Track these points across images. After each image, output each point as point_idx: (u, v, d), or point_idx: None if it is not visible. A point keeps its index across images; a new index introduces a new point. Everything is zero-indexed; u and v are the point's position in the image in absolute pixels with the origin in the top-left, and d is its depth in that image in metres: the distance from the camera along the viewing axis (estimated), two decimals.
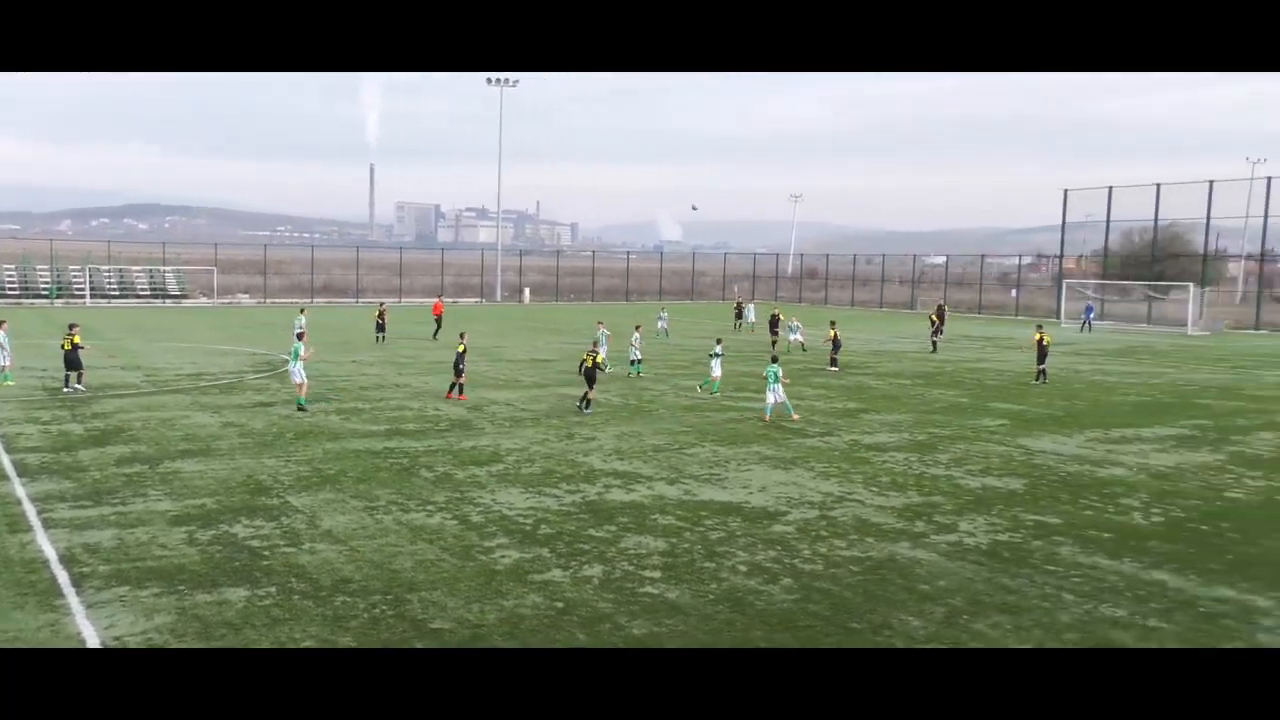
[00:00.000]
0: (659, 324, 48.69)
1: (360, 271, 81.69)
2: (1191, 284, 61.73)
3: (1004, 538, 14.34)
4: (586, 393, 24.61)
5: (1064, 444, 21.73)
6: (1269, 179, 61.98)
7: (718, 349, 28.85)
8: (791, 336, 41.68)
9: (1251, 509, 16.22)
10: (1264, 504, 16.56)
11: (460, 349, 26.65)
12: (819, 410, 25.94)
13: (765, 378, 24.64)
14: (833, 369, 35.11)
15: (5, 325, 28.39)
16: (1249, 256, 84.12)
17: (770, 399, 24.02)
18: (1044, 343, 32.34)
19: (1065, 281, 69.67)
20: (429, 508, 15.45)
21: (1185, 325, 59.16)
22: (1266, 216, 61.67)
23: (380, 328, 41.76)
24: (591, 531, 14.29)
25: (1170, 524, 15.23)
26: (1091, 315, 60.09)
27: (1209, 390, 31.19)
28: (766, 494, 16.70)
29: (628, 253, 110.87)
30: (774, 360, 24.94)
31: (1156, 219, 67.45)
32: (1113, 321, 66.77)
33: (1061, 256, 76.18)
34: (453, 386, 26.54)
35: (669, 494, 16.58)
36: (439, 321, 45.99)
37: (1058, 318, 67.78)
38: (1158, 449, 21.32)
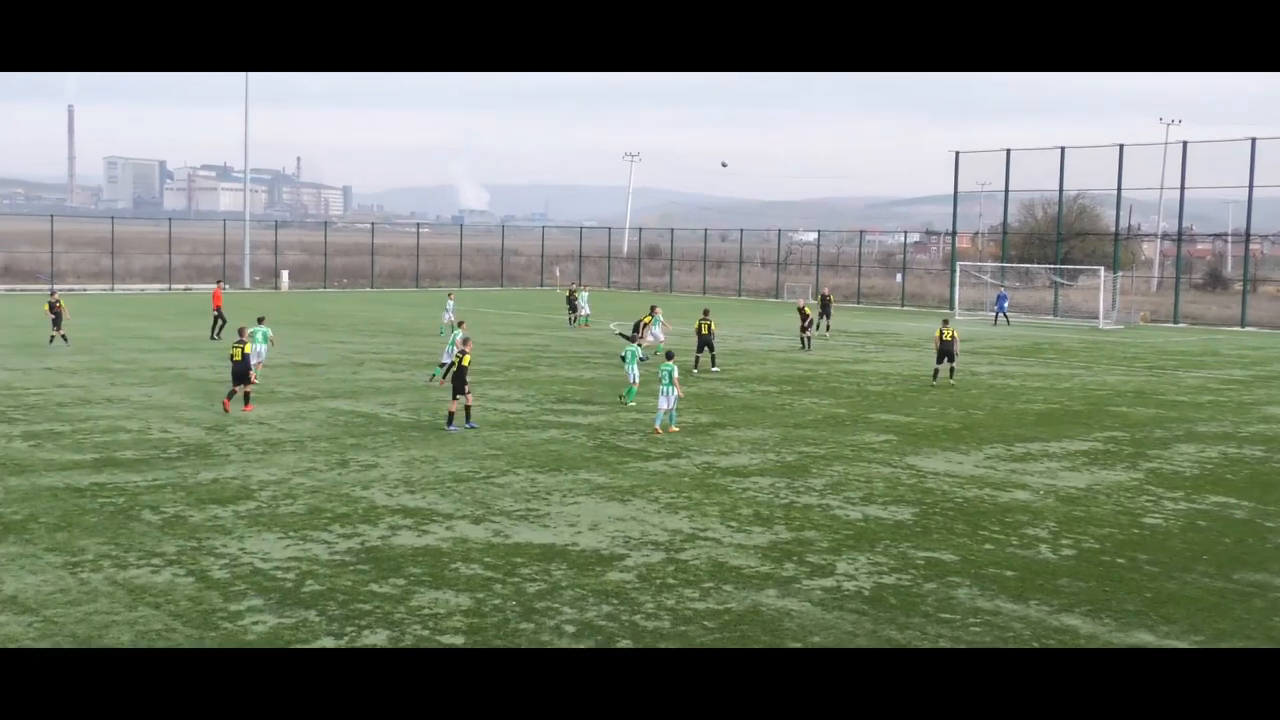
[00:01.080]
0: (445, 316, 47.66)
1: (57, 249, 77.79)
2: (1102, 268, 65.44)
3: (890, 580, 14.81)
4: (452, 405, 24.68)
5: (960, 463, 22.64)
6: (1184, 143, 66.40)
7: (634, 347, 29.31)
8: (654, 332, 41.65)
9: (1170, 537, 17.28)
10: (1184, 530, 17.68)
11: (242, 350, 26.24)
12: (662, 426, 26.22)
13: (660, 378, 25.26)
14: (714, 369, 36.28)
15: None
16: (1165, 236, 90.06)
17: (664, 404, 24.77)
18: (945, 338, 34.34)
19: (959, 264, 72.69)
20: (154, 561, 14.83)
21: (1096, 318, 62.69)
22: (1183, 188, 66.06)
23: (55, 324, 39.82)
24: (374, 587, 14.02)
25: (1082, 557, 16.06)
26: (1005, 305, 62.73)
27: (1123, 395, 33.15)
28: (599, 533, 16.75)
29: (418, 225, 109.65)
30: (669, 357, 25.70)
31: (1061, 189, 71.23)
32: (1014, 313, 70.14)
33: (954, 234, 79.55)
34: (231, 395, 26.44)
35: (474, 535, 16.43)
36: (220, 316, 44.13)
37: (951, 307, 70.77)
38: (1067, 467, 22.47)
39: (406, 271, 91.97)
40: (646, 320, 40.06)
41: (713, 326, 37.05)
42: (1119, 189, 68.33)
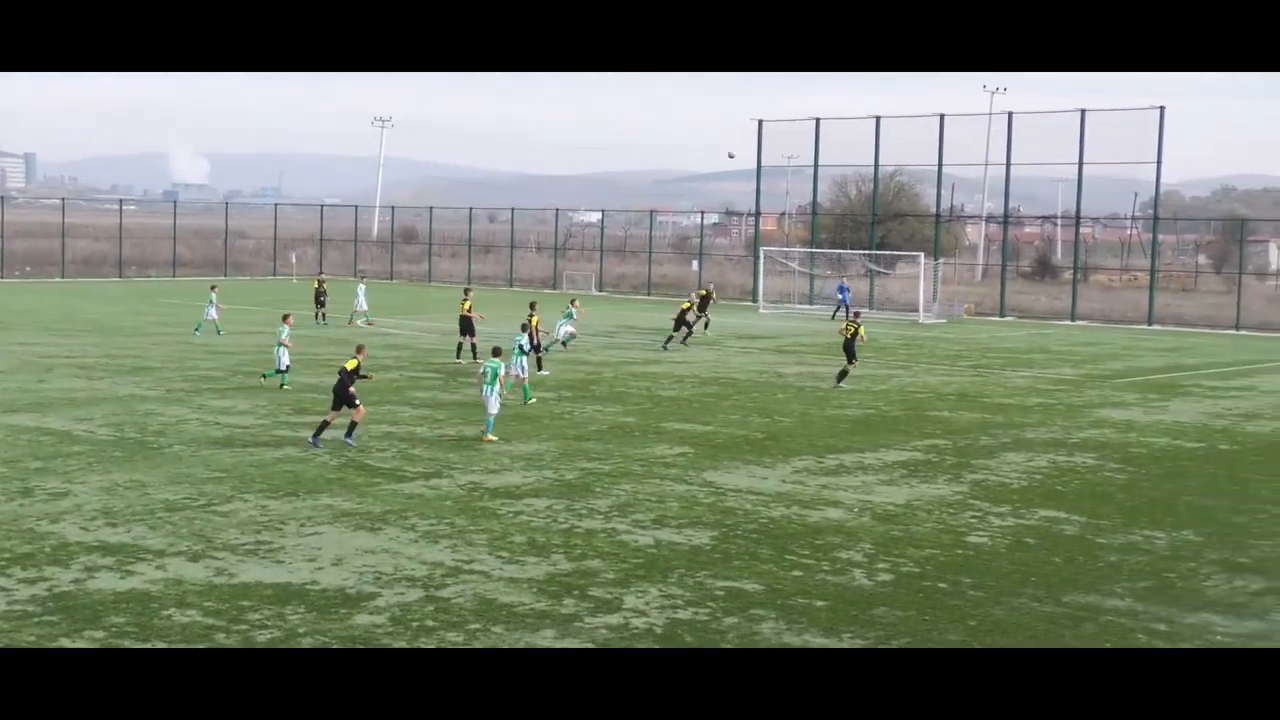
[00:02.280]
0: (209, 312, 46.81)
1: None
2: (922, 254, 67.93)
3: (685, 615, 15.04)
4: (357, 414, 24.95)
5: (764, 478, 23.16)
6: (1009, 114, 69.54)
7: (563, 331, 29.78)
8: (563, 329, 43.12)
9: (997, 557, 18.07)
10: (1011, 549, 18.51)
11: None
12: (422, 440, 26.04)
13: (483, 375, 26.14)
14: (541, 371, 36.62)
15: None
16: (991, 218, 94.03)
17: (493, 408, 25.74)
18: (848, 335, 36.06)
19: (763, 250, 74.33)
20: None
21: (916, 310, 65.04)
22: (1009, 164, 69.17)
23: None
24: (65, 641, 13.50)
25: (901, 583, 16.64)
26: (847, 297, 64.23)
27: (945, 398, 34.50)
28: (344, 568, 16.53)
29: (121, 201, 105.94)
30: (495, 354, 26.76)
31: (877, 164, 73.59)
32: (825, 305, 72.06)
33: (758, 214, 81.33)
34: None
35: (192, 575, 16.00)
36: None
37: (754, 299, 72.35)
38: (884, 480, 23.25)
39: (107, 257, 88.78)
40: (535, 320, 38.18)
41: (535, 323, 36.87)
42: (940, 164, 70.99)
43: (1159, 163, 63.84)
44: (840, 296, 64.01)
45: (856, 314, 39.38)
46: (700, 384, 36.25)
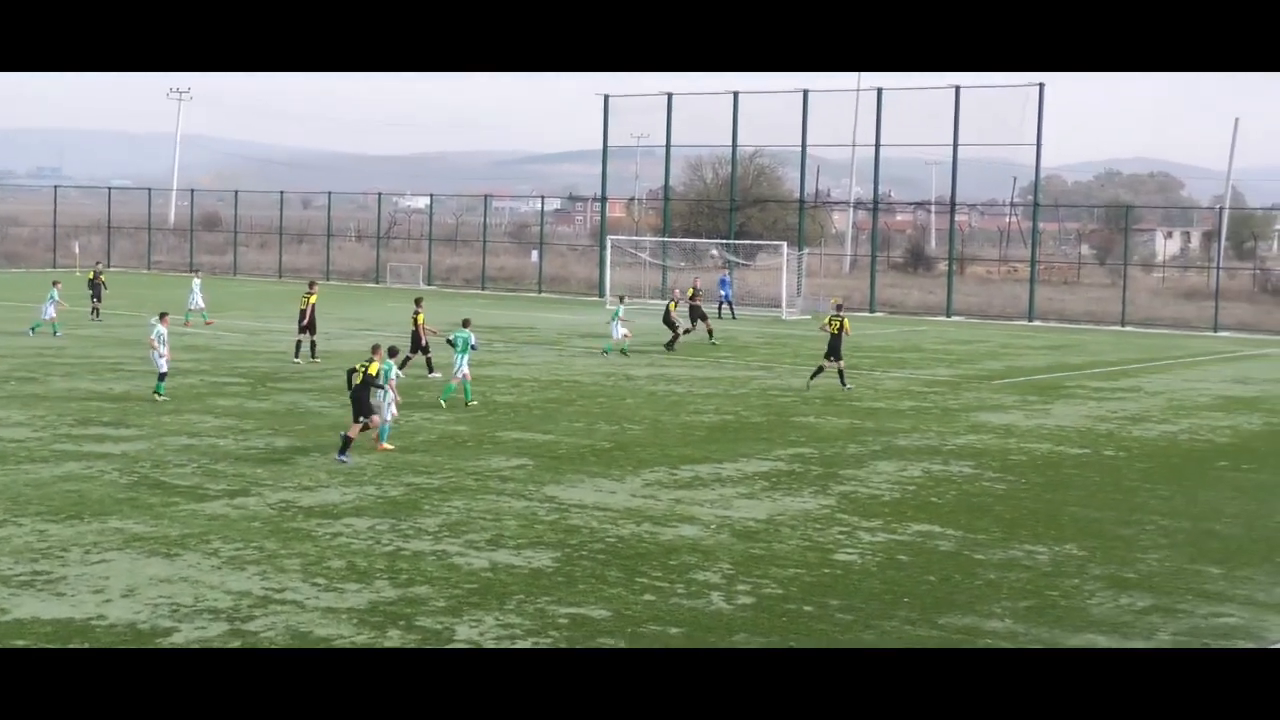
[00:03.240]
0: (47, 310, 46.68)
1: None
2: (785, 244, 68.71)
3: (525, 645, 15.03)
4: (357, 428, 25.38)
5: (612, 492, 23.22)
6: (879, 90, 70.61)
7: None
8: (618, 331, 45.11)
9: (867, 576, 18.35)
10: (883, 568, 18.81)
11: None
12: (226, 453, 25.64)
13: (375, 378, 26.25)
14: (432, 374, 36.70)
15: None
16: (859, 204, 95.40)
17: (389, 413, 26.17)
18: (833, 331, 36.76)
19: (610, 239, 74.53)
20: None
21: (779, 306, 65.76)
22: (878, 145, 70.31)
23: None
24: None
25: (762, 606, 16.80)
26: (729, 292, 64.48)
27: (811, 402, 34.93)
28: (136, 600, 16.23)
29: None
30: (392, 354, 27.11)
31: (735, 145, 74.23)
32: (667, 301, 72.43)
33: (604, 200, 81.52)
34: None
35: None
36: None
37: (601, 294, 72.46)
38: (744, 494, 23.45)
39: None
40: (420, 318, 38.26)
41: (421, 321, 37.22)
42: (804, 145, 71.79)
43: (1039, 144, 65.31)
44: (723, 292, 64.36)
45: (839, 305, 38.71)
46: (540, 388, 36.22)
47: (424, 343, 37.20)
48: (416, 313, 37.93)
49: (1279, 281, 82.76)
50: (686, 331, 48.36)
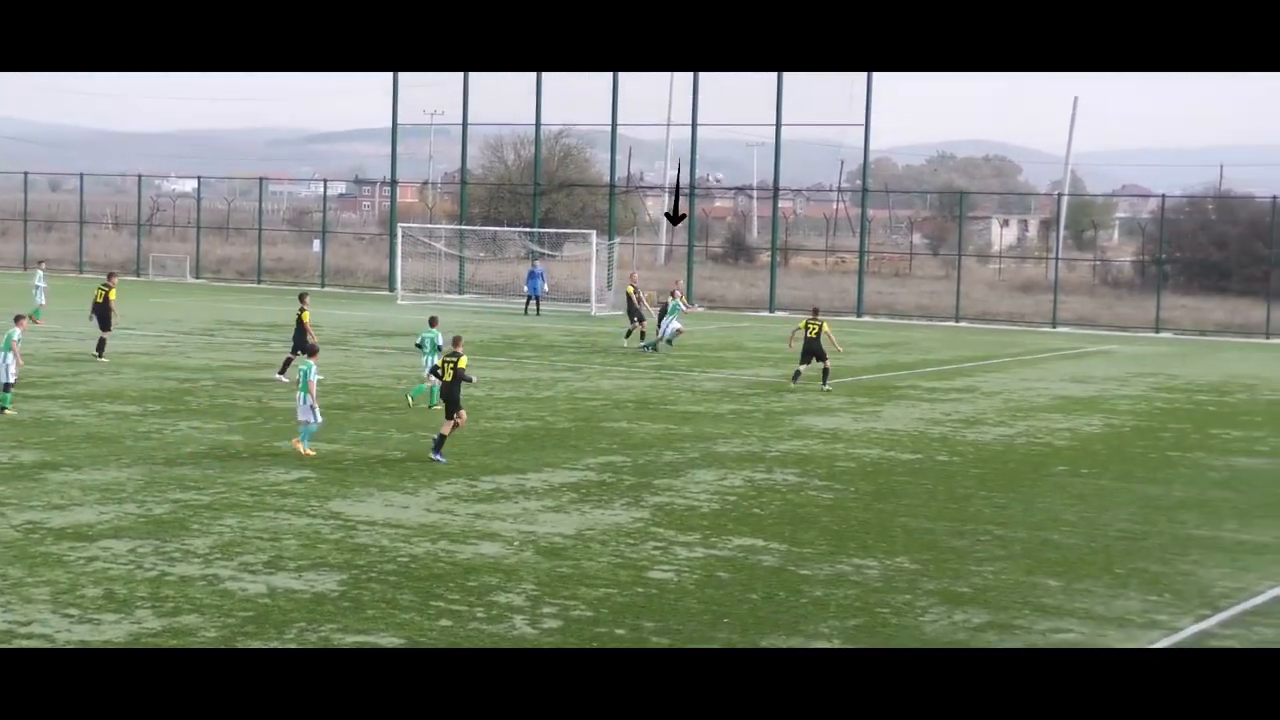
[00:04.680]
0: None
1: None
2: (594, 233, 68.91)
3: None
4: (450, 425, 27.18)
5: (405, 507, 23.12)
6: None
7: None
8: (672, 325, 47.45)
9: (684, 595, 18.51)
10: (701, 586, 18.99)
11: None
12: None
13: (297, 381, 27.44)
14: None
15: None
16: (676, 190, 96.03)
17: (303, 415, 27.05)
18: (810, 334, 39.06)
19: (401, 227, 73.97)
20: None
21: (588, 300, 65.92)
22: (695, 125, 70.89)
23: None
24: None
25: (570, 630, 16.87)
26: (538, 287, 64.17)
27: (623, 406, 35.12)
28: None
29: None
30: (311, 354, 28.31)
31: (539, 124, 74.22)
32: (477, 295, 72.32)
33: (394, 183, 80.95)
34: None
35: None
36: None
37: (390, 287, 72.00)
38: (550, 507, 23.51)
39: None
40: (305, 315, 38.29)
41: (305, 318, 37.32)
42: (614, 124, 72.10)
43: (867, 125, 66.50)
44: (532, 287, 64.27)
45: (816, 310, 41.65)
46: (324, 392, 35.71)
47: (313, 343, 36.50)
48: (301, 310, 38.04)
49: (1120, 273, 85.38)
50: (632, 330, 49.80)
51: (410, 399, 33.99)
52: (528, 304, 64.01)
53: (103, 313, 41.14)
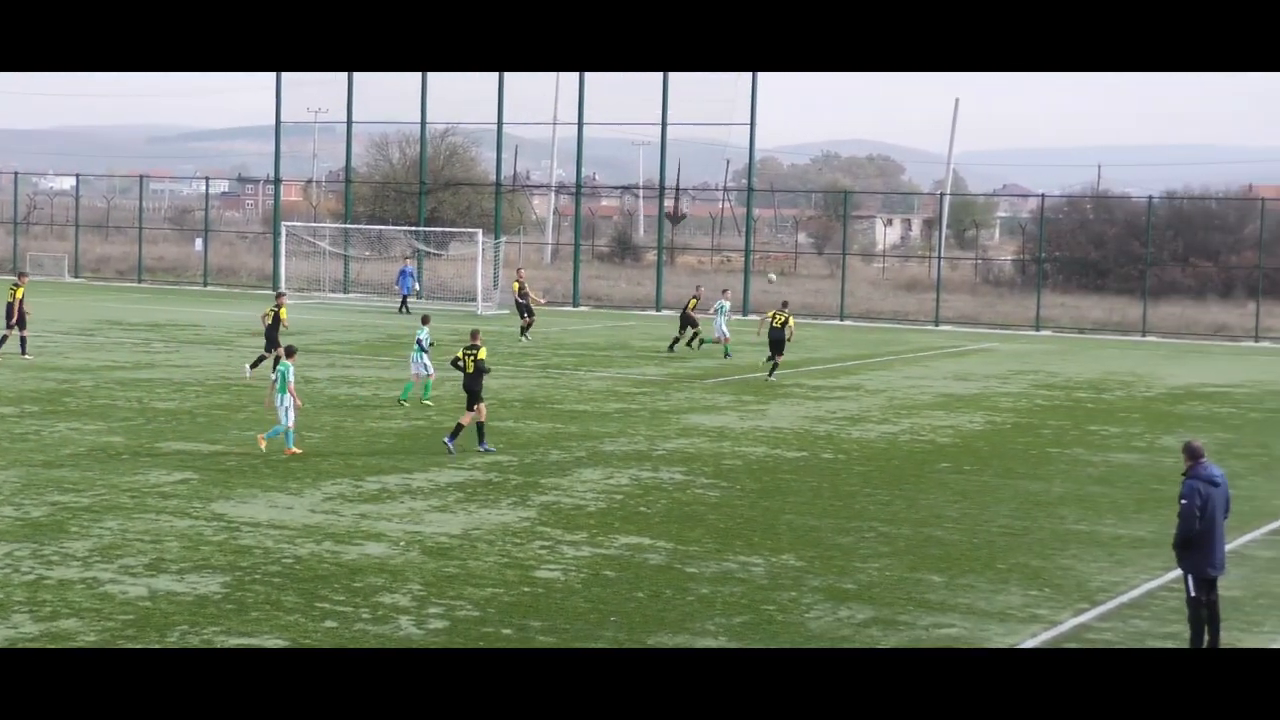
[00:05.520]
0: None
1: None
2: (480, 232, 68.72)
3: None
4: (469, 416, 28.32)
5: (289, 508, 22.98)
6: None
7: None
8: (719, 327, 48.33)
9: (571, 594, 18.54)
10: (588, 585, 19.03)
11: None
12: None
13: (273, 382, 27.54)
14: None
15: None
16: (561, 188, 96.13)
17: (285, 417, 27.22)
18: (775, 324, 41.57)
19: (285, 225, 73.44)
20: None
21: (474, 300, 65.76)
22: (581, 123, 70.86)
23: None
24: None
25: (457, 630, 16.86)
26: (412, 284, 63.74)
27: (509, 405, 35.07)
28: None
29: None
30: (290, 354, 28.20)
31: (424, 122, 73.89)
32: (362, 294, 71.90)
33: (278, 182, 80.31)
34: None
35: None
36: None
37: (274, 286, 71.37)
38: (436, 506, 23.47)
39: None
40: (282, 311, 38.90)
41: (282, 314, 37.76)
42: (500, 123, 71.90)
43: (752, 124, 66.85)
44: (403, 284, 63.99)
45: (785, 304, 43.54)
46: (206, 393, 35.54)
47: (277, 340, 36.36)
48: (279, 308, 38.48)
49: (1000, 272, 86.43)
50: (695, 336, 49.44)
51: (424, 399, 34.94)
52: (401, 305, 63.57)
53: (15, 313, 41.38)
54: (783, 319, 41.74)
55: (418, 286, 64.62)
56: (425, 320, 36.34)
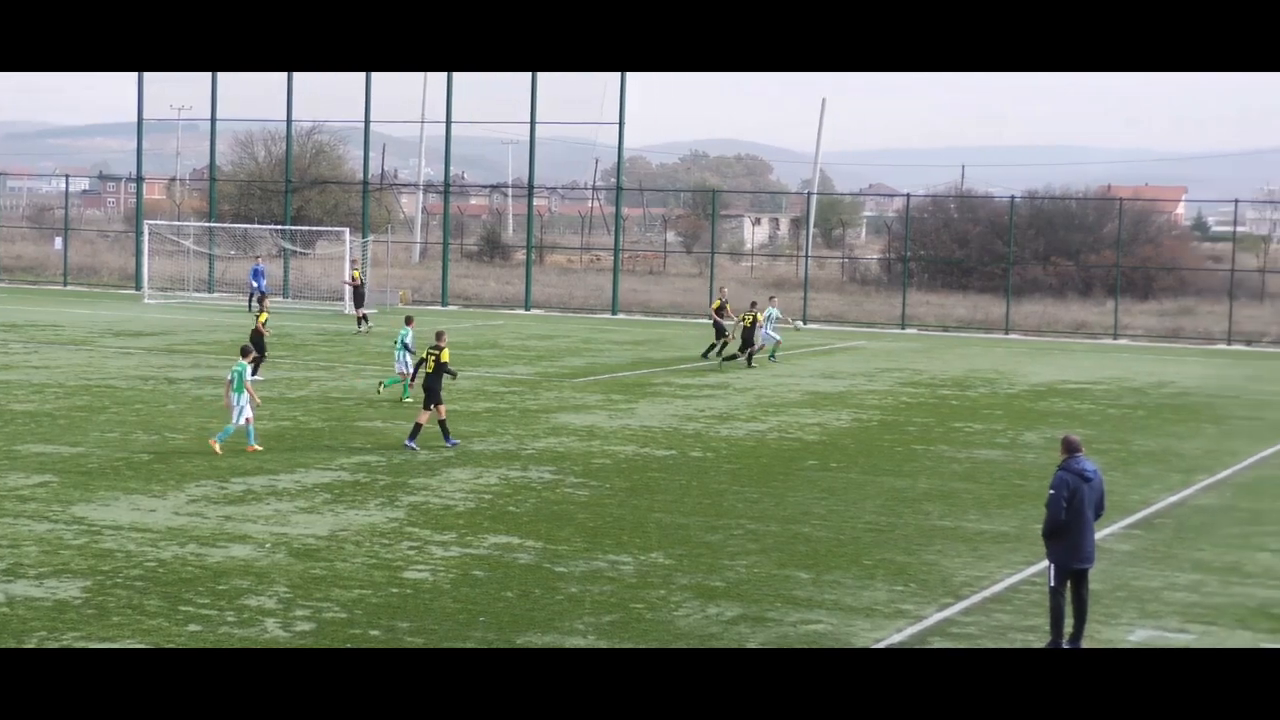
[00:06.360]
0: None
1: None
2: (348, 230, 68.32)
3: None
4: (427, 415, 28.93)
5: (152, 510, 22.70)
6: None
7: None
8: (767, 333, 47.64)
9: (440, 594, 18.50)
10: (457, 585, 18.99)
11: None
12: None
13: (230, 381, 27.86)
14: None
15: None
16: (429, 187, 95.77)
17: (240, 416, 27.59)
18: (746, 324, 45.46)
19: (148, 224, 72.59)
20: None
21: (341, 299, 65.34)
22: (449, 122, 70.66)
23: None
24: None
25: (324, 632, 16.74)
26: (263, 283, 63.06)
27: (377, 405, 34.92)
28: None
29: None
30: (244, 354, 29.03)
31: (290, 120, 73.30)
32: (228, 293, 71.10)
33: (140, 180, 79.30)
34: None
35: None
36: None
37: (137, 285, 70.51)
38: (303, 508, 23.29)
39: None
40: (263, 318, 39.17)
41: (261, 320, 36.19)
42: (367, 121, 71.51)
43: (621, 124, 66.95)
44: (256, 282, 63.33)
45: (754, 304, 47.34)
46: (66, 394, 35.01)
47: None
48: (260, 311, 39.94)
49: (867, 271, 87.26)
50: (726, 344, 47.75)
51: (381, 388, 36.37)
52: (250, 300, 62.65)
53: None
54: (751, 318, 45.70)
55: (265, 284, 63.80)
56: (409, 321, 37.12)
